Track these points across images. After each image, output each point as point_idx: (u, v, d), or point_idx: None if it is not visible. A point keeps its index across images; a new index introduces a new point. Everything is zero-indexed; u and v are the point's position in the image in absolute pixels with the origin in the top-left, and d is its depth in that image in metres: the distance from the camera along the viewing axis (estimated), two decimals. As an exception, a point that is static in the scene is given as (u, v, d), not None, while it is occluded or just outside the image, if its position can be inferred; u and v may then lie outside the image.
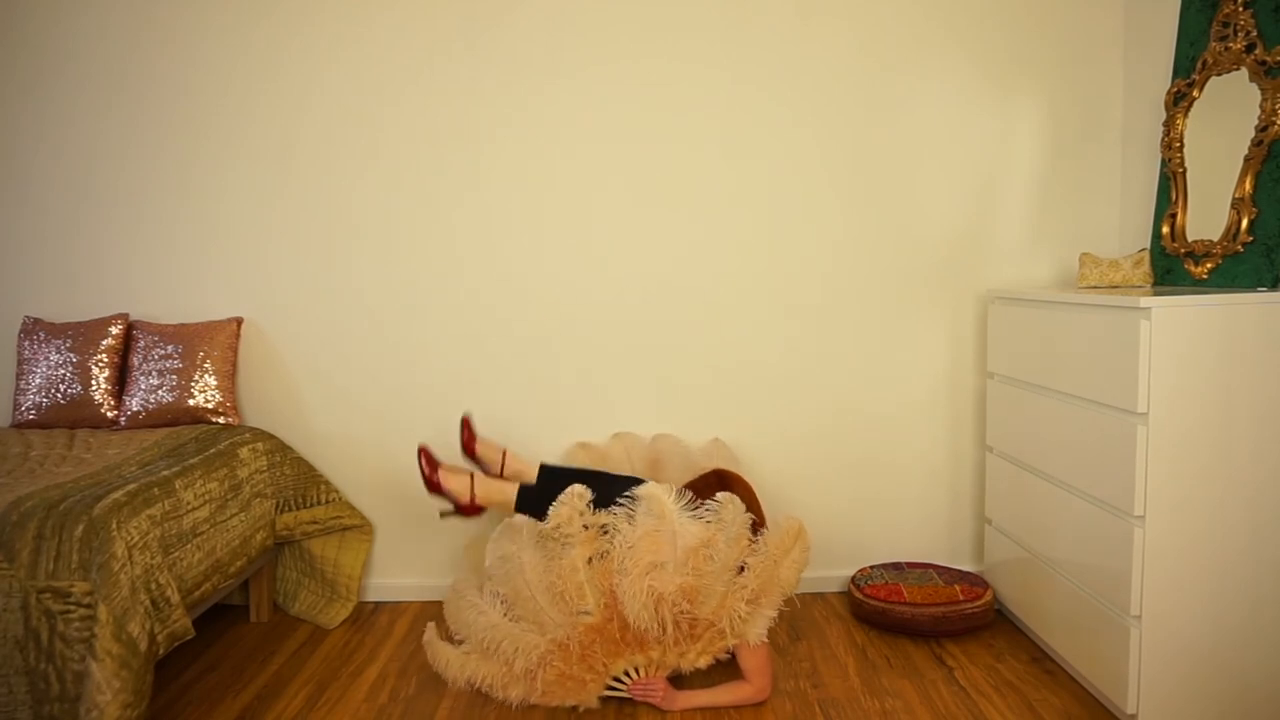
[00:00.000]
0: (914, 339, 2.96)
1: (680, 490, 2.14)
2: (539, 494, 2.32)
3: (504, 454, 2.65)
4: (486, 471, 2.63)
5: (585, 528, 2.13)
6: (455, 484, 2.43)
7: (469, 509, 2.44)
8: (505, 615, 2.17)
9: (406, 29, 2.87)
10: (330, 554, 2.88)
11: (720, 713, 2.25)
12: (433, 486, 2.42)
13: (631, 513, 2.13)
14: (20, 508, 1.98)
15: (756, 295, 2.95)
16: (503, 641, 2.14)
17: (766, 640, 2.22)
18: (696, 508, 2.13)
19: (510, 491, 2.40)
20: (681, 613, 2.09)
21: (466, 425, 2.65)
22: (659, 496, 2.08)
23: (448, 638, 2.30)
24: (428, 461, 2.43)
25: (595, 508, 2.18)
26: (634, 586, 2.05)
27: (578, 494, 2.15)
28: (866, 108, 2.89)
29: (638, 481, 2.34)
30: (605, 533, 2.13)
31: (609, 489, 2.25)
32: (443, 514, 2.48)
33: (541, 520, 2.20)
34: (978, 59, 2.88)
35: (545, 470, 2.51)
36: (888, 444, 3.00)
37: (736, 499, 2.14)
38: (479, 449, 2.65)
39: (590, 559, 2.12)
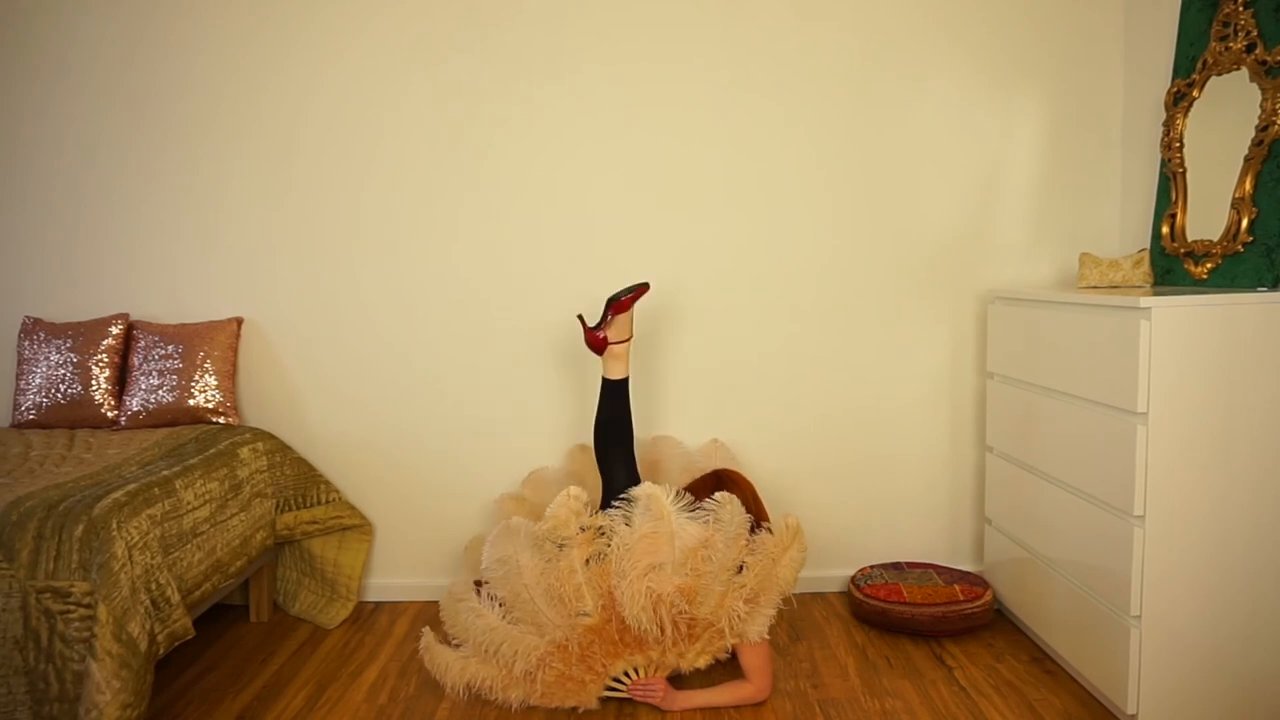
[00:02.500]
0: (914, 339, 2.96)
1: (679, 491, 2.14)
2: (615, 404, 2.51)
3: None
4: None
5: (582, 529, 2.13)
6: (622, 326, 2.54)
7: (598, 341, 2.55)
8: (503, 618, 2.16)
9: (406, 30, 2.88)
10: (330, 554, 2.88)
11: (720, 713, 2.25)
12: (618, 307, 2.53)
13: (629, 514, 2.13)
14: (20, 508, 1.98)
15: (757, 295, 2.95)
16: (501, 644, 2.13)
17: (767, 639, 2.22)
18: (695, 508, 2.13)
19: (622, 371, 2.54)
20: (680, 613, 2.09)
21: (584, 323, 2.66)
22: (658, 497, 2.08)
23: (445, 641, 2.30)
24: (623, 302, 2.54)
25: (604, 491, 2.18)
26: (632, 588, 2.05)
27: (574, 495, 2.15)
28: (866, 108, 2.89)
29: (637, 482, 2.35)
30: (603, 534, 2.13)
31: (627, 475, 2.33)
32: (580, 316, 2.61)
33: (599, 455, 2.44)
34: (978, 59, 2.88)
35: (627, 382, 2.57)
36: (888, 444, 3.00)
37: (734, 498, 2.14)
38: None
39: (588, 560, 2.12)
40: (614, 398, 2.53)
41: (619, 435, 2.50)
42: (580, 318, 2.60)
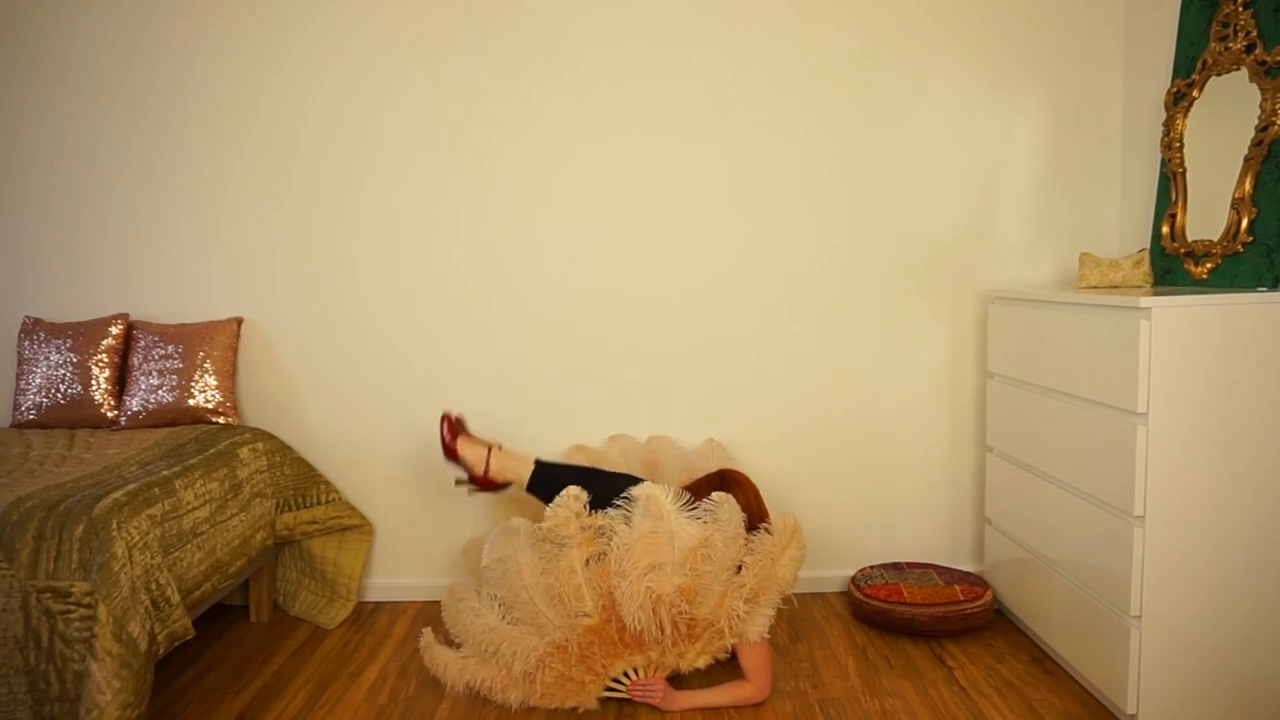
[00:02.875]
0: (914, 339, 2.96)
1: (678, 490, 2.14)
2: (551, 481, 2.36)
3: (490, 450, 2.53)
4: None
5: (582, 529, 2.13)
6: (471, 454, 2.46)
7: (482, 481, 2.48)
8: (503, 618, 2.16)
9: (406, 30, 2.88)
10: (330, 554, 2.88)
11: (720, 713, 2.25)
12: (450, 453, 2.48)
13: (628, 514, 2.13)
14: (20, 508, 1.98)
15: (756, 295, 2.95)
16: (501, 644, 2.13)
17: (767, 639, 2.22)
18: (694, 508, 2.13)
19: (524, 471, 2.43)
20: (680, 613, 2.09)
21: (448, 421, 2.55)
22: (657, 497, 2.08)
23: (445, 641, 2.30)
24: (449, 427, 2.46)
25: (592, 509, 2.18)
26: (632, 588, 2.05)
27: (574, 495, 2.15)
28: (866, 108, 2.89)
29: (636, 481, 2.34)
30: (602, 534, 2.13)
31: (607, 489, 2.25)
32: (458, 482, 2.53)
33: (547, 503, 2.21)
34: (978, 59, 2.88)
35: (541, 464, 2.50)
36: (888, 444, 3.00)
37: (731, 498, 2.13)
38: (461, 448, 2.55)
39: (588, 561, 2.12)
40: (549, 486, 2.37)
41: (591, 480, 2.36)
42: (459, 482, 2.57)
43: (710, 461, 2.79)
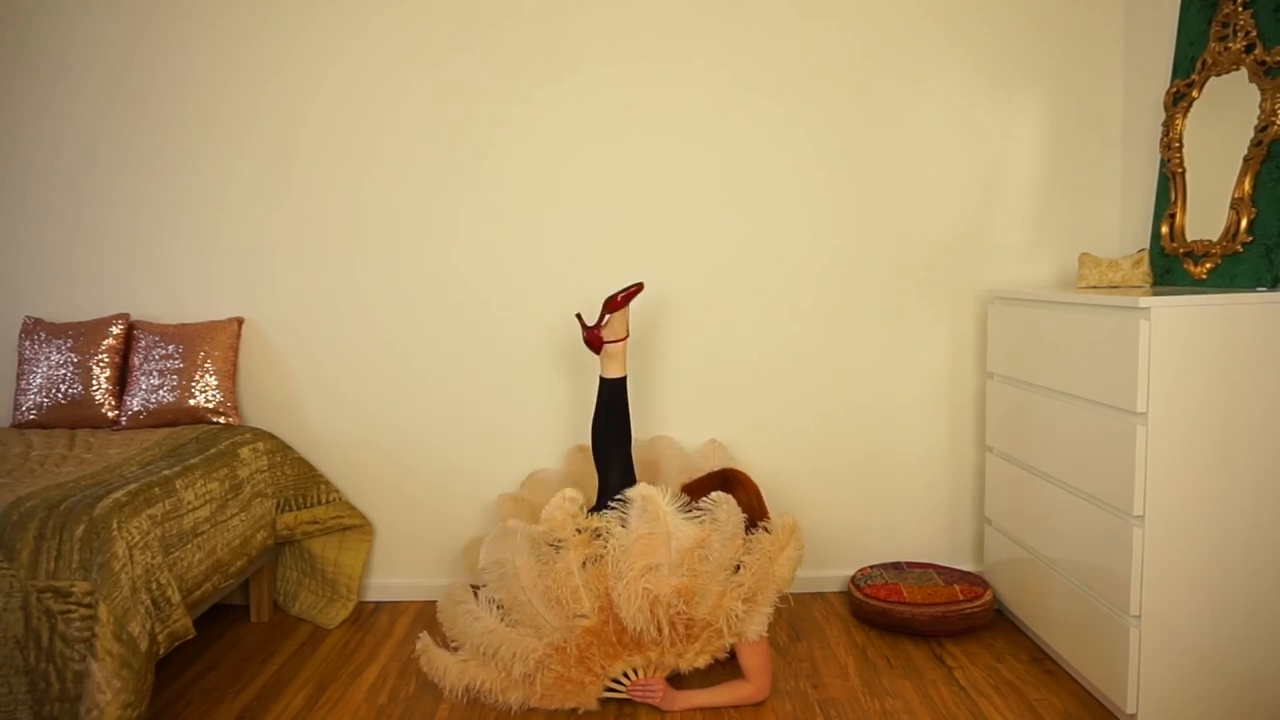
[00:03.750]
0: (914, 339, 2.97)
1: (675, 491, 2.14)
2: (613, 403, 2.52)
3: (625, 339, 2.64)
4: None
5: (579, 531, 2.13)
6: (619, 323, 2.56)
7: (596, 340, 2.57)
8: (501, 620, 2.16)
9: (406, 30, 2.88)
10: (330, 554, 2.88)
11: (720, 713, 2.25)
12: (611, 305, 2.55)
13: (625, 515, 2.12)
14: (21, 507, 1.98)
15: (757, 295, 2.95)
16: (500, 647, 2.13)
17: (766, 639, 2.22)
18: (691, 508, 2.12)
19: (614, 372, 2.55)
20: (677, 614, 2.09)
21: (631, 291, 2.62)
22: (653, 498, 2.08)
23: (443, 644, 2.30)
24: (628, 294, 2.56)
25: (602, 492, 2.18)
26: (629, 589, 2.04)
27: (570, 498, 2.15)
28: (866, 108, 2.89)
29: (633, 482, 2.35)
30: (599, 536, 2.13)
31: (624, 476, 2.33)
32: (579, 315, 2.64)
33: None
34: (978, 59, 2.88)
35: (619, 386, 2.57)
36: (887, 444, 3.00)
37: (730, 498, 2.13)
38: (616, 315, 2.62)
39: (585, 562, 2.12)
40: (612, 396, 2.53)
41: (617, 436, 2.51)
42: (579, 316, 2.62)
43: (712, 461, 2.79)
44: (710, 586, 2.10)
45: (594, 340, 2.58)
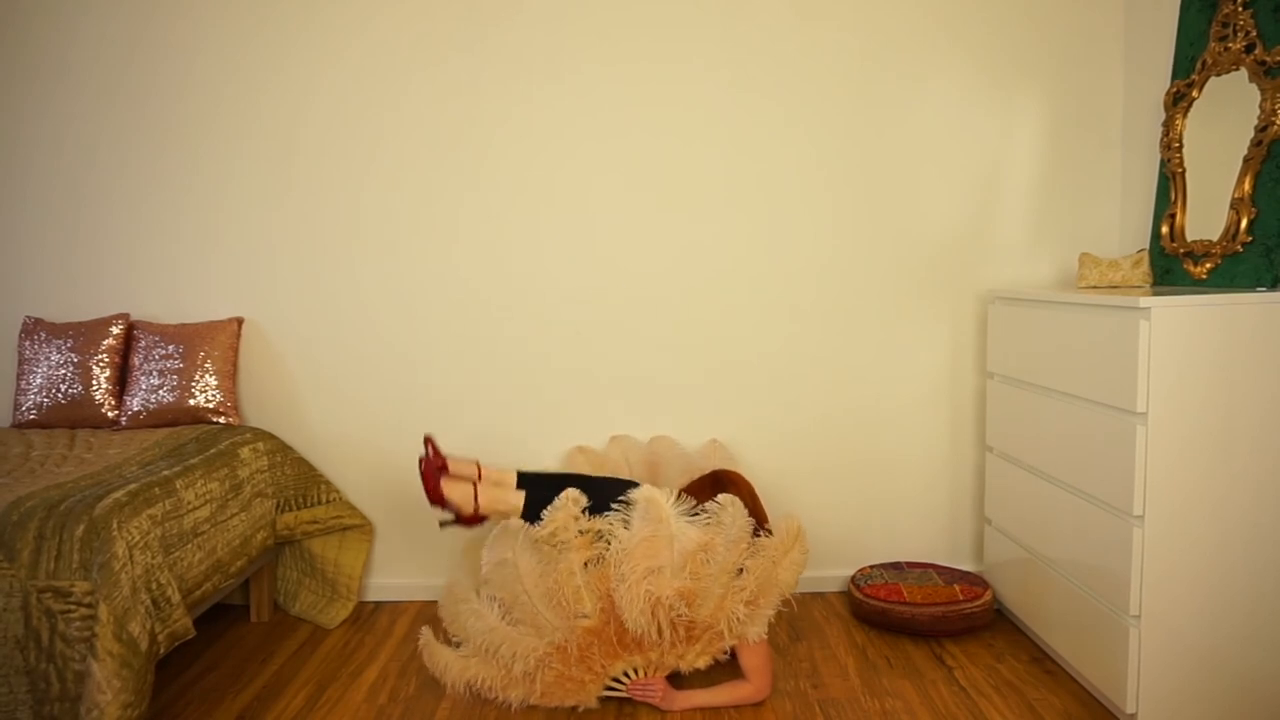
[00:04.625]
0: (914, 339, 2.97)
1: (679, 494, 2.14)
2: (542, 502, 2.23)
3: (479, 469, 2.44)
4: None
5: (581, 532, 2.13)
6: (458, 494, 2.30)
7: (471, 520, 2.32)
8: (503, 618, 2.16)
9: (406, 30, 2.88)
10: (330, 554, 2.88)
11: (720, 712, 2.25)
12: (435, 498, 2.29)
13: (627, 517, 2.12)
14: (21, 507, 1.98)
15: (756, 295, 2.95)
16: (501, 645, 2.13)
17: (766, 639, 2.22)
18: (695, 511, 2.12)
19: (516, 500, 2.31)
20: (679, 616, 2.09)
21: (430, 445, 2.38)
22: (657, 500, 2.08)
23: (444, 640, 2.30)
24: (429, 469, 2.28)
25: (591, 513, 2.17)
26: (631, 591, 2.04)
27: (573, 499, 2.15)
28: (866, 108, 2.89)
29: (632, 485, 2.34)
30: (601, 538, 2.13)
31: (603, 493, 2.24)
32: (443, 524, 2.37)
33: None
34: (978, 59, 2.88)
35: (524, 477, 2.40)
36: (888, 444, 3.00)
37: (737, 501, 2.13)
38: (451, 471, 2.41)
39: (587, 563, 2.12)
40: (537, 508, 2.24)
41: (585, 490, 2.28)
42: (443, 525, 2.39)
43: (713, 462, 2.79)
44: (712, 589, 2.10)
45: (472, 523, 2.33)
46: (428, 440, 2.39)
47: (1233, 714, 2.08)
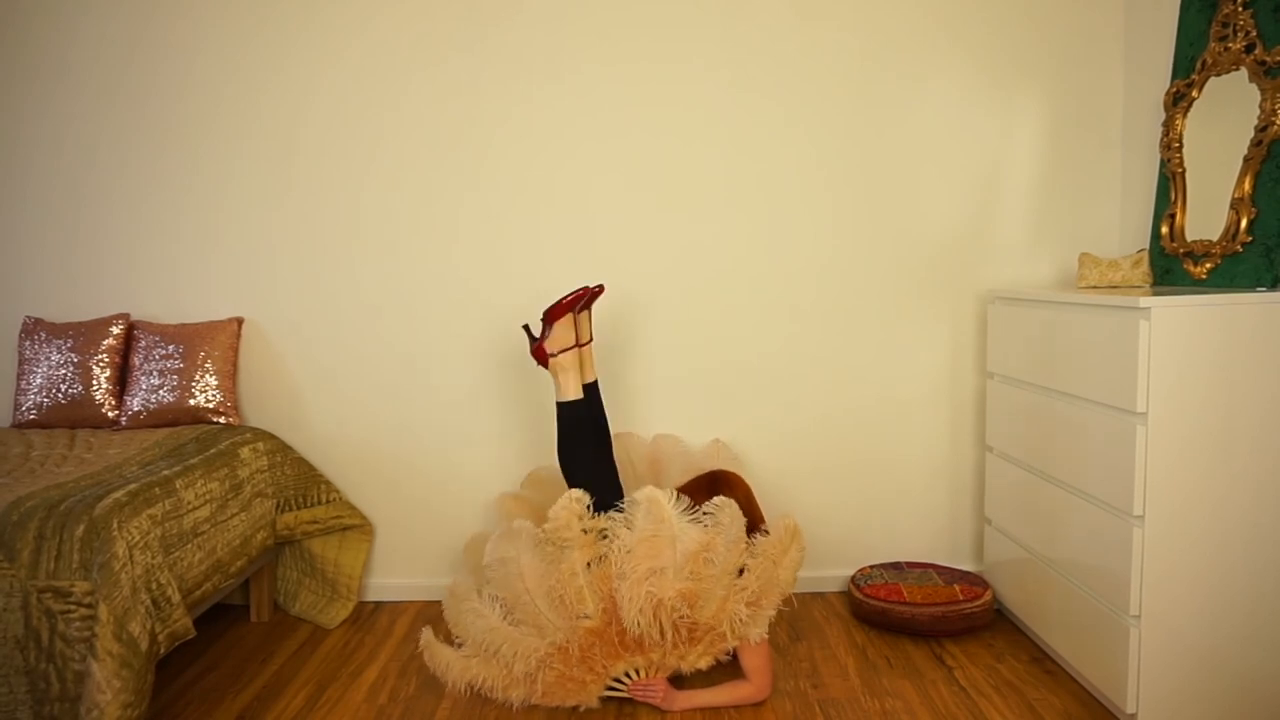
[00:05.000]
0: (914, 339, 2.97)
1: (680, 495, 2.13)
2: (570, 429, 2.40)
3: (589, 344, 2.56)
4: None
5: (584, 532, 2.13)
6: (562, 330, 2.43)
7: (540, 351, 2.44)
8: (504, 618, 2.16)
9: (406, 30, 2.88)
10: (331, 554, 2.88)
11: (720, 713, 2.25)
12: (553, 317, 2.42)
13: (630, 518, 2.12)
14: (21, 507, 1.98)
15: (757, 295, 2.95)
16: (502, 645, 2.13)
17: (767, 639, 2.22)
18: (695, 512, 2.12)
19: (570, 391, 2.42)
20: (681, 617, 2.09)
21: (582, 295, 2.47)
22: (659, 501, 2.07)
23: (446, 639, 2.30)
24: (576, 300, 2.43)
25: (594, 511, 2.17)
26: (633, 592, 2.04)
27: (576, 498, 2.15)
28: (866, 107, 2.89)
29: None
30: (604, 537, 2.13)
31: (606, 494, 2.25)
32: (525, 326, 2.53)
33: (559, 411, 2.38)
34: (978, 59, 2.88)
35: (589, 389, 2.50)
36: (888, 444, 3.00)
37: (732, 502, 2.13)
38: (577, 320, 2.50)
39: (589, 563, 2.12)
40: (565, 422, 2.41)
41: (581, 464, 2.39)
42: (526, 328, 2.53)
43: (716, 462, 2.79)
44: (714, 590, 2.10)
45: (538, 355, 2.44)
46: (594, 290, 2.48)
47: (1233, 714, 2.08)
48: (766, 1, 2.86)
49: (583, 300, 2.47)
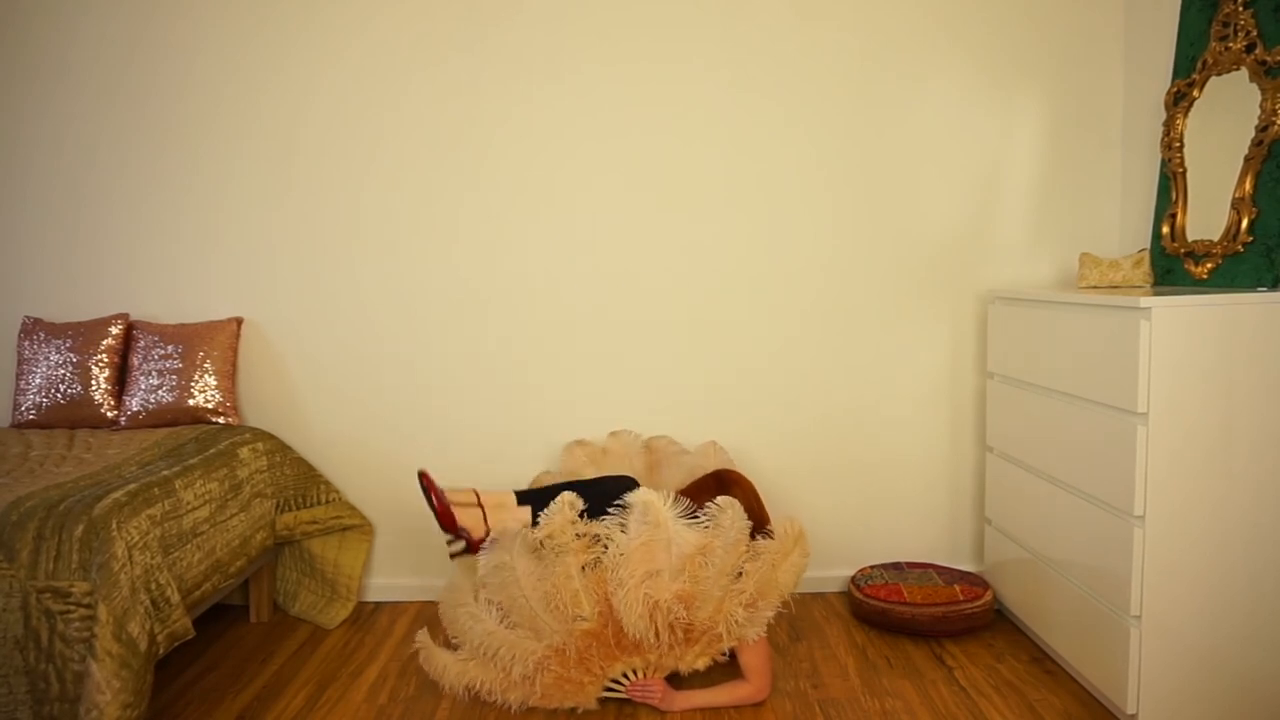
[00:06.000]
0: (914, 339, 2.96)
1: (676, 496, 2.13)
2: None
3: (477, 495, 2.36)
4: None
5: (578, 536, 2.13)
6: (469, 520, 2.26)
7: (481, 544, 2.24)
8: (501, 622, 2.16)
9: (406, 30, 2.87)
10: (330, 554, 2.88)
11: (719, 713, 2.25)
12: (448, 524, 2.22)
13: (625, 521, 2.12)
14: (20, 508, 1.98)
15: (757, 295, 2.95)
16: (500, 648, 2.13)
17: (766, 639, 2.22)
18: (694, 513, 2.12)
19: (523, 516, 2.28)
20: (677, 619, 2.09)
21: (425, 480, 2.28)
22: (654, 504, 2.07)
23: (443, 642, 2.30)
24: (438, 495, 2.23)
25: (588, 516, 2.17)
26: (629, 595, 2.04)
27: (569, 502, 2.14)
28: (866, 108, 2.89)
29: (629, 482, 2.33)
30: (599, 541, 2.13)
31: (600, 496, 2.24)
32: (454, 555, 2.28)
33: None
34: (978, 59, 2.88)
35: (523, 495, 2.37)
36: (888, 444, 3.00)
37: (736, 503, 2.12)
38: (454, 503, 2.31)
39: (584, 566, 2.11)
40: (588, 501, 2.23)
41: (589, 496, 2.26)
42: (454, 556, 2.31)
43: (711, 462, 2.79)
44: (711, 592, 2.09)
45: (478, 545, 2.25)
46: (423, 475, 2.27)
47: (1233, 714, 2.08)
48: (766, 1, 2.86)
49: (441, 499, 2.25)
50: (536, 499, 2.34)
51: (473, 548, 2.27)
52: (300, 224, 2.94)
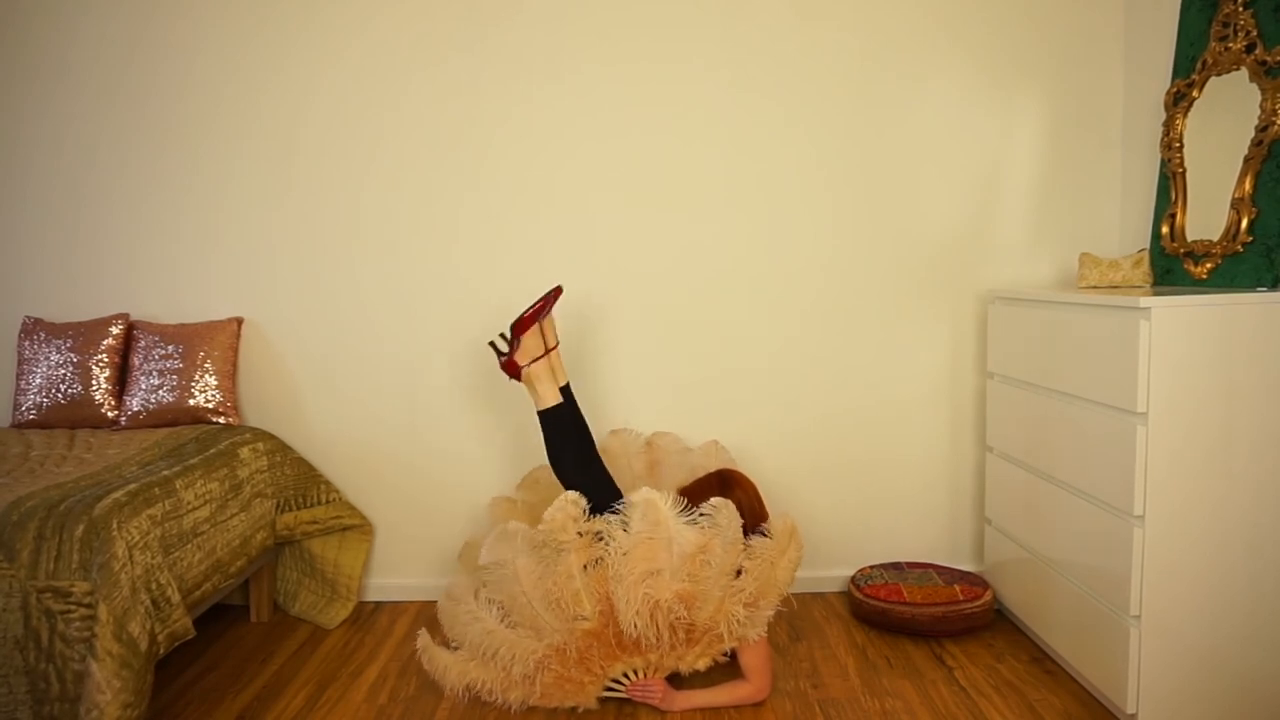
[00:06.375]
0: (914, 339, 2.96)
1: (676, 496, 2.13)
2: (558, 432, 2.39)
3: (556, 349, 2.54)
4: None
5: (580, 534, 2.13)
6: (531, 342, 2.43)
7: (511, 366, 2.43)
8: (501, 621, 2.16)
9: (406, 30, 2.88)
10: (330, 554, 2.88)
11: (720, 713, 2.25)
12: (520, 330, 2.42)
13: (626, 520, 2.12)
14: (21, 508, 1.98)
15: (757, 295, 2.95)
16: (500, 648, 2.13)
17: (766, 639, 2.22)
18: (693, 513, 2.12)
19: (549, 398, 2.41)
20: (678, 619, 2.09)
21: (556, 294, 2.49)
22: (655, 503, 2.07)
23: (442, 642, 2.30)
24: (545, 303, 2.43)
25: (590, 514, 2.17)
26: (630, 594, 2.04)
27: (572, 500, 2.14)
28: (866, 108, 2.89)
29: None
30: (600, 539, 2.13)
31: (604, 495, 2.25)
32: (493, 344, 2.50)
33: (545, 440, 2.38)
34: (978, 59, 2.88)
35: (565, 392, 2.50)
36: (888, 444, 3.00)
37: (730, 503, 2.12)
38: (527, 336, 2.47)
39: (586, 565, 2.11)
40: (549, 430, 2.41)
41: (571, 468, 2.39)
42: (493, 344, 2.51)
43: (712, 462, 2.79)
44: (712, 592, 2.09)
45: (509, 368, 2.44)
46: (558, 290, 2.50)
47: (1233, 714, 2.08)
48: (766, 1, 2.86)
49: (547, 307, 2.46)
50: (563, 420, 2.43)
51: (505, 362, 2.45)
52: (300, 224, 2.94)
